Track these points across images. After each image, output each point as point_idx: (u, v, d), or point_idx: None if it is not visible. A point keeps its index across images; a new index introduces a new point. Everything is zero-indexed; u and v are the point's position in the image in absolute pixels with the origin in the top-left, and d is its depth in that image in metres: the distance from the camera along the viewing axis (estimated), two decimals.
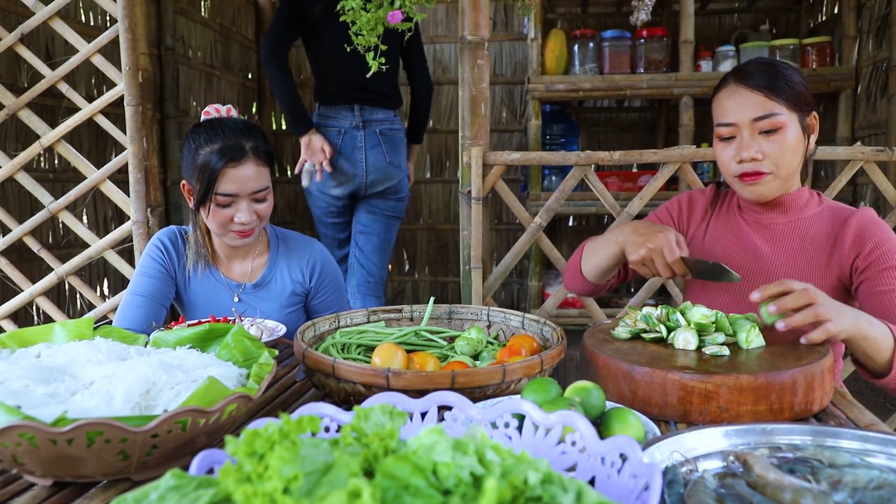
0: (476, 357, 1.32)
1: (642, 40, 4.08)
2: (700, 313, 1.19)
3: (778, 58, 4.00)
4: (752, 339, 1.17)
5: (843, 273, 1.43)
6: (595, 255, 1.56)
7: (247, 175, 1.63)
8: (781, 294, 1.16)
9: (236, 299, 1.80)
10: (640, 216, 2.47)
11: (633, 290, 5.22)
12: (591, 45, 4.10)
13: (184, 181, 1.70)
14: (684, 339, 1.16)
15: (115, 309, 2.51)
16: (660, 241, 1.33)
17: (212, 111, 1.71)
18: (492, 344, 1.39)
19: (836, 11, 4.32)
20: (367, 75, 1.86)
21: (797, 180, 1.50)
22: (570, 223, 5.35)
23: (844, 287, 1.44)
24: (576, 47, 4.11)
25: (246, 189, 1.63)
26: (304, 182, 3.10)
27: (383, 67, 1.74)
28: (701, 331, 1.18)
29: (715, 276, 1.32)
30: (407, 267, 5.61)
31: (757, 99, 1.40)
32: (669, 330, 1.20)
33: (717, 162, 1.51)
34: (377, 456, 0.59)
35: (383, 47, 1.74)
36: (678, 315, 1.21)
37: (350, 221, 3.26)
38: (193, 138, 1.65)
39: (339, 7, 1.72)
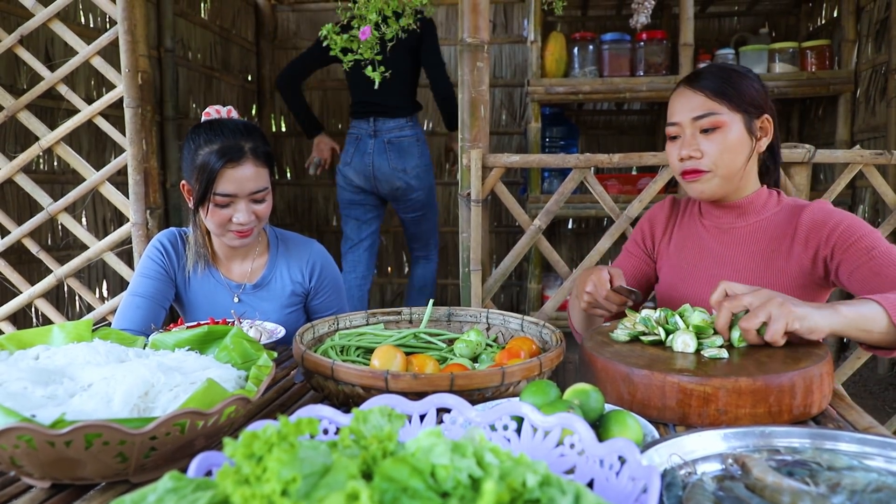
0: (475, 359, 1.32)
1: (642, 43, 4.08)
2: (699, 317, 1.19)
3: (777, 61, 4.01)
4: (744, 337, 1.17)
5: (803, 269, 1.43)
6: (573, 313, 1.69)
7: (245, 175, 1.63)
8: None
9: (236, 300, 1.80)
10: (639, 219, 2.46)
11: None
12: (591, 47, 4.10)
13: (183, 181, 1.71)
14: (683, 342, 1.16)
15: (115, 311, 2.51)
16: (591, 283, 1.41)
17: (212, 112, 1.72)
18: (491, 346, 1.39)
19: (835, 15, 4.32)
20: (375, 87, 2.03)
21: (751, 182, 1.52)
22: (570, 226, 5.35)
23: (811, 283, 1.45)
24: (575, 50, 4.12)
25: (244, 189, 1.64)
26: (311, 171, 3.77)
27: (386, 75, 1.98)
28: (699, 333, 1.18)
29: (638, 297, 1.41)
30: (406, 269, 5.61)
31: (699, 99, 1.46)
32: (668, 333, 1.20)
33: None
34: (375, 458, 0.59)
35: (378, 57, 1.95)
36: (677, 318, 1.21)
37: (372, 207, 3.70)
38: (193, 139, 1.66)
39: (319, 35, 1.95)
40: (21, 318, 3.01)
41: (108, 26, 3.62)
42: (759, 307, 1.12)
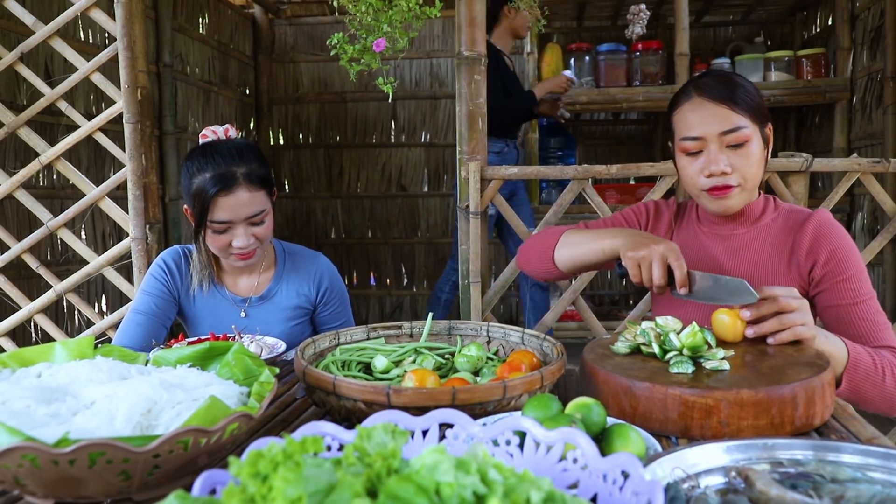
0: (476, 373, 1.32)
1: (638, 53, 4.11)
2: (694, 336, 1.15)
3: (773, 70, 4.04)
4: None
5: (802, 280, 1.45)
6: (577, 249, 1.52)
7: (239, 202, 1.62)
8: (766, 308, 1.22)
9: (243, 314, 1.80)
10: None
11: (631, 302, 5.22)
12: (587, 58, 4.13)
13: (185, 205, 1.71)
14: (683, 368, 1.13)
15: (114, 326, 2.51)
16: (665, 248, 1.30)
17: (209, 134, 1.71)
18: (492, 360, 1.39)
19: (830, 23, 4.35)
20: (389, 99, 1.98)
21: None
22: None
23: (805, 294, 1.45)
24: (572, 61, 4.14)
25: (239, 215, 1.63)
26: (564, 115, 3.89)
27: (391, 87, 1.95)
28: (695, 352, 1.15)
29: (721, 296, 1.26)
30: (405, 281, 5.61)
31: (723, 112, 1.40)
32: (665, 351, 1.18)
33: (680, 176, 1.50)
34: (380, 476, 0.59)
35: (386, 68, 1.91)
36: (672, 337, 1.18)
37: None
38: (188, 164, 1.66)
39: (328, 42, 1.89)
40: (21, 334, 3.01)
41: (107, 42, 3.64)
42: (798, 311, 1.21)
